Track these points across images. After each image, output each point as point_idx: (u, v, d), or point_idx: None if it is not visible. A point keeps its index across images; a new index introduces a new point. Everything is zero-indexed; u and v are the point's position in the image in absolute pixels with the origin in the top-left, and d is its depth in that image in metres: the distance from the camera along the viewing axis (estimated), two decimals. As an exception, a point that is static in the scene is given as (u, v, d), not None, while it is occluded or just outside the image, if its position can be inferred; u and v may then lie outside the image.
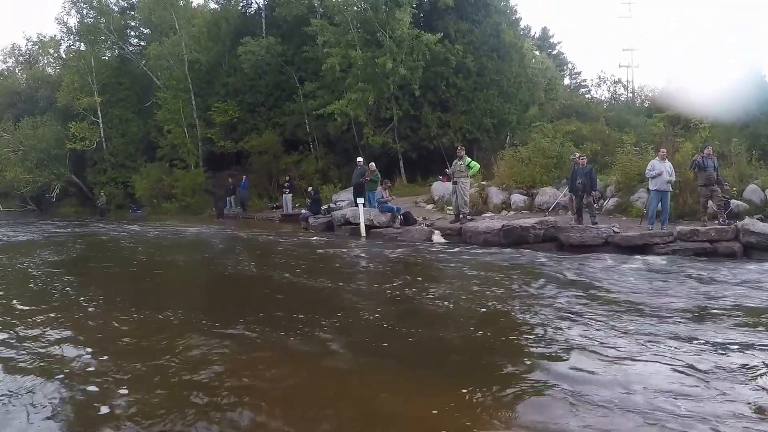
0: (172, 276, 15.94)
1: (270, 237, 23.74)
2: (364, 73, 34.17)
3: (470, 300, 10.84)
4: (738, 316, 9.04)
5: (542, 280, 12.43)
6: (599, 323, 8.59)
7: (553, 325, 8.65)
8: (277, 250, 19.62)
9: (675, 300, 10.25)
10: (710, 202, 17.80)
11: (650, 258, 15.21)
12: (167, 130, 43.23)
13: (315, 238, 23.10)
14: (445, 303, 10.52)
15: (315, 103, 37.06)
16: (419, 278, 13.03)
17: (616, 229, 17.20)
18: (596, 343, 7.60)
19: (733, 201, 18.76)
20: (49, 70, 60.24)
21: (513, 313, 9.55)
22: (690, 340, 7.67)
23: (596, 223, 18.18)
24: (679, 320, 8.76)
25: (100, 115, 47.12)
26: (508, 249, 17.38)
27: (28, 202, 53.16)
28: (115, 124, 47.49)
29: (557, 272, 13.35)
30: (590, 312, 9.24)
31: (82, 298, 11.28)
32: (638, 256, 15.35)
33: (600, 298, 10.52)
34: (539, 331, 8.44)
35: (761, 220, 16.98)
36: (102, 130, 47.16)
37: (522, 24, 49.02)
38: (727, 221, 16.81)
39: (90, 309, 10.37)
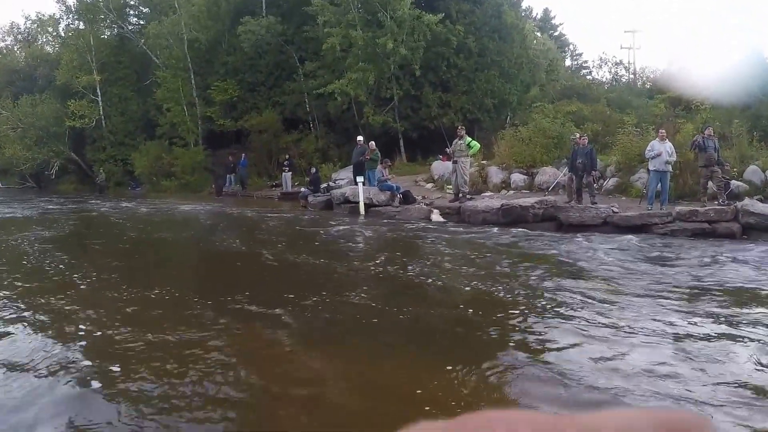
0: (162, 254, 15.94)
1: (268, 214, 23.80)
2: (364, 53, 34.04)
3: (454, 278, 10.89)
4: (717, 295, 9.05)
5: (530, 260, 12.42)
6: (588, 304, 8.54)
7: (537, 304, 8.68)
8: (271, 228, 19.67)
9: (641, 277, 10.36)
10: (710, 183, 17.80)
11: (633, 237, 15.20)
12: (167, 109, 43.22)
13: (307, 217, 23.21)
14: (432, 281, 10.49)
15: (315, 82, 36.99)
16: (407, 256, 12.98)
17: (615, 209, 17.24)
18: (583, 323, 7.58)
19: (733, 182, 18.77)
20: (48, 48, 60.13)
21: (495, 293, 9.50)
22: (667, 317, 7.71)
23: (596, 203, 18.22)
24: (653, 298, 8.80)
25: (99, 94, 47.00)
26: (513, 230, 17.28)
27: (28, 179, 53.27)
28: (114, 103, 47.44)
29: (550, 252, 13.38)
30: (578, 293, 9.16)
31: (75, 275, 11.38)
32: (631, 236, 15.32)
33: (583, 277, 10.54)
34: (520, 309, 8.46)
35: (761, 200, 16.98)
36: (101, 108, 47.09)
37: (523, 5, 48.93)
38: (726, 202, 16.82)
39: (82, 286, 10.45)
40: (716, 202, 17.02)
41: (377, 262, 12.43)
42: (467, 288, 9.82)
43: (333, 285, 10.53)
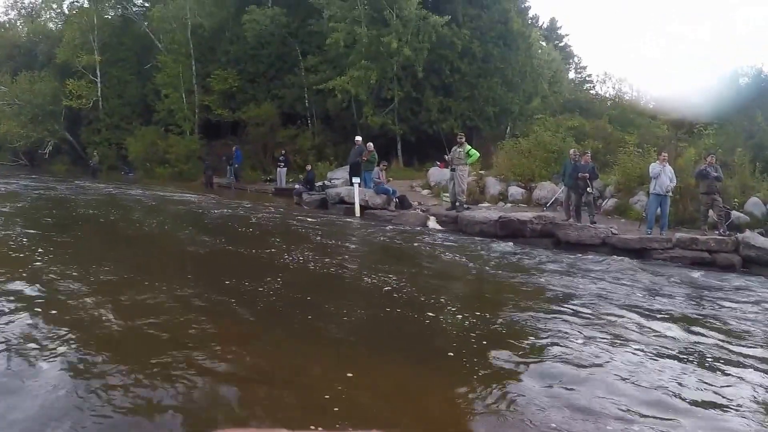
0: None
1: (262, 212, 23.51)
2: (368, 50, 33.66)
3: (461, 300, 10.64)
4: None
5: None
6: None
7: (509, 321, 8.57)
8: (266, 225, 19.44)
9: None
10: (711, 212, 17.66)
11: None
12: (165, 95, 42.77)
13: (302, 217, 22.91)
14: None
15: (316, 77, 36.61)
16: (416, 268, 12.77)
17: (614, 231, 17.06)
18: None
19: (734, 212, 18.63)
20: (51, 25, 59.25)
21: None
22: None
23: (595, 223, 18.07)
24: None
25: (98, 74, 46.42)
26: (510, 242, 17.12)
27: (21, 156, 52.74)
28: (113, 85, 46.92)
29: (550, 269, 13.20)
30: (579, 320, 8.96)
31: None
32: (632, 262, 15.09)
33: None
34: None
35: (762, 234, 16.77)
36: (100, 89, 46.48)
37: (530, 13, 48.71)
38: (727, 233, 16.68)
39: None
40: (716, 232, 16.90)
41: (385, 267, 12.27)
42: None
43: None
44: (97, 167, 43.72)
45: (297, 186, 29.58)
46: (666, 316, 9.23)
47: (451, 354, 6.81)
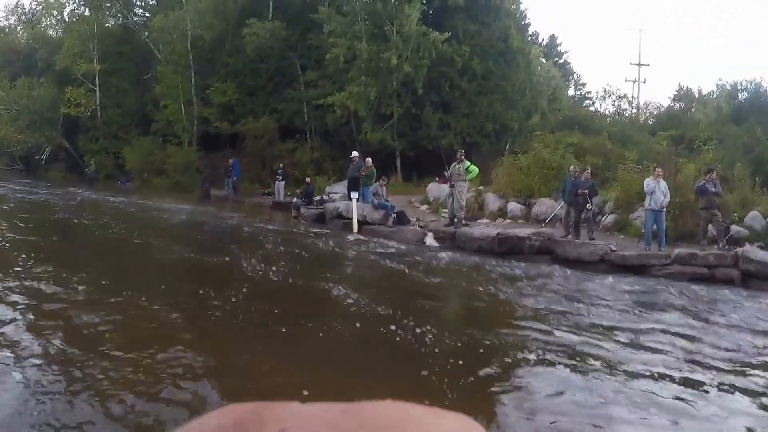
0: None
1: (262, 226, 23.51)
2: (368, 66, 33.66)
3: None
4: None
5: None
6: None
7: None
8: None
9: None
10: (710, 226, 17.58)
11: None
12: (164, 105, 42.85)
13: (297, 232, 22.93)
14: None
15: (315, 92, 36.73)
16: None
17: (613, 247, 16.97)
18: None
19: (733, 227, 18.55)
20: (51, 31, 59.61)
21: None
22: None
23: (593, 239, 17.98)
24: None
25: (97, 83, 46.51)
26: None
27: (17, 161, 52.75)
28: (111, 94, 47.03)
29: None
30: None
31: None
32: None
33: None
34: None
35: (761, 248, 16.67)
36: (98, 98, 46.61)
37: (530, 30, 48.73)
38: (726, 247, 16.60)
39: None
40: (716, 247, 16.83)
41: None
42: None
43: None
44: (93, 176, 43.59)
45: (295, 200, 29.52)
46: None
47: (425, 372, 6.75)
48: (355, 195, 23.04)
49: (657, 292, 13.34)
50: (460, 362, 7.20)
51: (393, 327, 8.49)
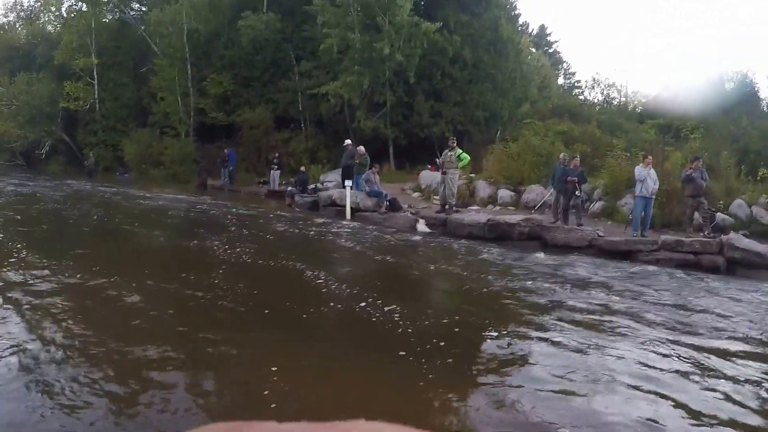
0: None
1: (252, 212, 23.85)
2: (361, 56, 34.01)
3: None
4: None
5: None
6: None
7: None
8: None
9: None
10: (696, 214, 17.94)
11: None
12: (161, 98, 43.31)
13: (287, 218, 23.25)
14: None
15: (310, 82, 37.17)
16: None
17: (601, 233, 17.34)
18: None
19: (718, 214, 18.92)
20: (49, 27, 59.71)
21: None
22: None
23: (581, 225, 18.32)
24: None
25: (96, 77, 46.87)
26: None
27: (17, 156, 53.00)
28: (109, 87, 47.36)
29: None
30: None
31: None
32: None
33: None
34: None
35: (746, 235, 17.05)
36: (96, 91, 46.93)
37: (520, 20, 48.98)
38: (711, 234, 16.95)
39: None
40: (701, 234, 17.17)
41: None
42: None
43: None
44: (93, 168, 43.88)
45: (290, 188, 29.85)
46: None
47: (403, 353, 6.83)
48: (348, 183, 23.36)
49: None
50: (441, 343, 7.29)
51: (373, 309, 8.69)
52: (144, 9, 49.59)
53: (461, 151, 22.16)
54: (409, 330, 7.74)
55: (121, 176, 43.77)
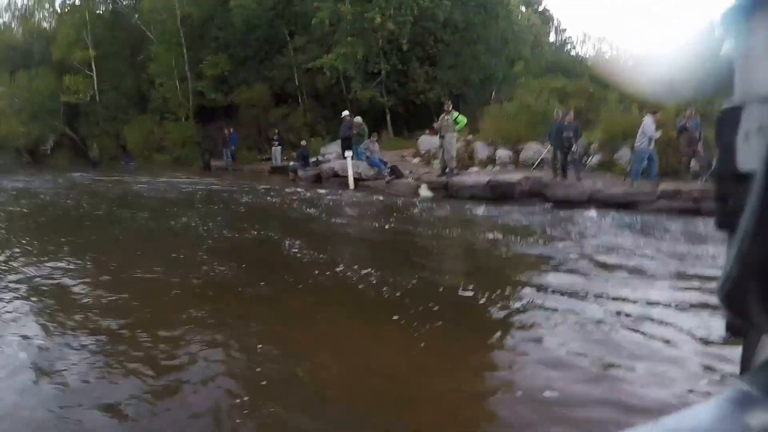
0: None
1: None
2: (352, 27, 34.17)
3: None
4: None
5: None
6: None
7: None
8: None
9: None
10: (693, 162, 18.25)
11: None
12: (159, 84, 43.81)
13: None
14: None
15: (305, 57, 37.40)
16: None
17: (600, 186, 17.65)
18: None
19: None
20: (44, 24, 60.08)
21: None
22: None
23: (580, 179, 18.63)
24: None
25: (94, 69, 47.25)
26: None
27: (23, 154, 53.37)
28: (108, 77, 47.64)
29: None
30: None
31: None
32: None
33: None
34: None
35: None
36: (95, 83, 47.36)
37: (508, -20, 48.88)
38: (708, 181, 17.21)
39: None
40: (698, 182, 17.45)
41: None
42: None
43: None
44: (97, 159, 44.42)
45: (292, 163, 30.18)
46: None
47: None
48: (348, 153, 23.72)
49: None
50: (435, 309, 7.09)
51: (371, 275, 8.68)
52: (136, -2, 49.65)
53: (457, 113, 22.36)
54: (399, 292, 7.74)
55: (127, 165, 44.04)
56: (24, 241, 11.95)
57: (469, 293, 7.55)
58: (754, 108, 0.49)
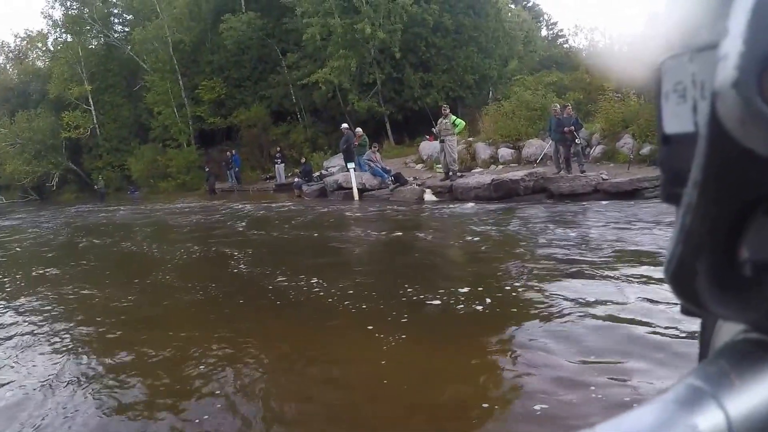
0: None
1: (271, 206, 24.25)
2: (344, 39, 34.40)
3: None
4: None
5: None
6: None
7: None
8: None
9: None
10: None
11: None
12: (157, 112, 44.18)
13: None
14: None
15: (299, 73, 37.65)
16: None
17: (605, 176, 17.56)
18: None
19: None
20: (39, 63, 61.02)
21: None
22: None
23: (584, 171, 18.55)
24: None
25: (91, 103, 47.97)
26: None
27: (30, 192, 53.85)
28: (106, 110, 48.40)
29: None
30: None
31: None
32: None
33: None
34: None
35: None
36: (95, 116, 48.13)
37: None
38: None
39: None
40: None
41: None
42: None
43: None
44: (103, 191, 44.69)
45: (296, 180, 30.23)
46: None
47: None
48: (351, 165, 23.74)
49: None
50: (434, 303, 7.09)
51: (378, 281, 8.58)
52: (127, 29, 50.14)
53: (455, 117, 22.33)
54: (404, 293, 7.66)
55: (132, 194, 44.35)
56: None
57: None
58: (673, 62, 0.45)
